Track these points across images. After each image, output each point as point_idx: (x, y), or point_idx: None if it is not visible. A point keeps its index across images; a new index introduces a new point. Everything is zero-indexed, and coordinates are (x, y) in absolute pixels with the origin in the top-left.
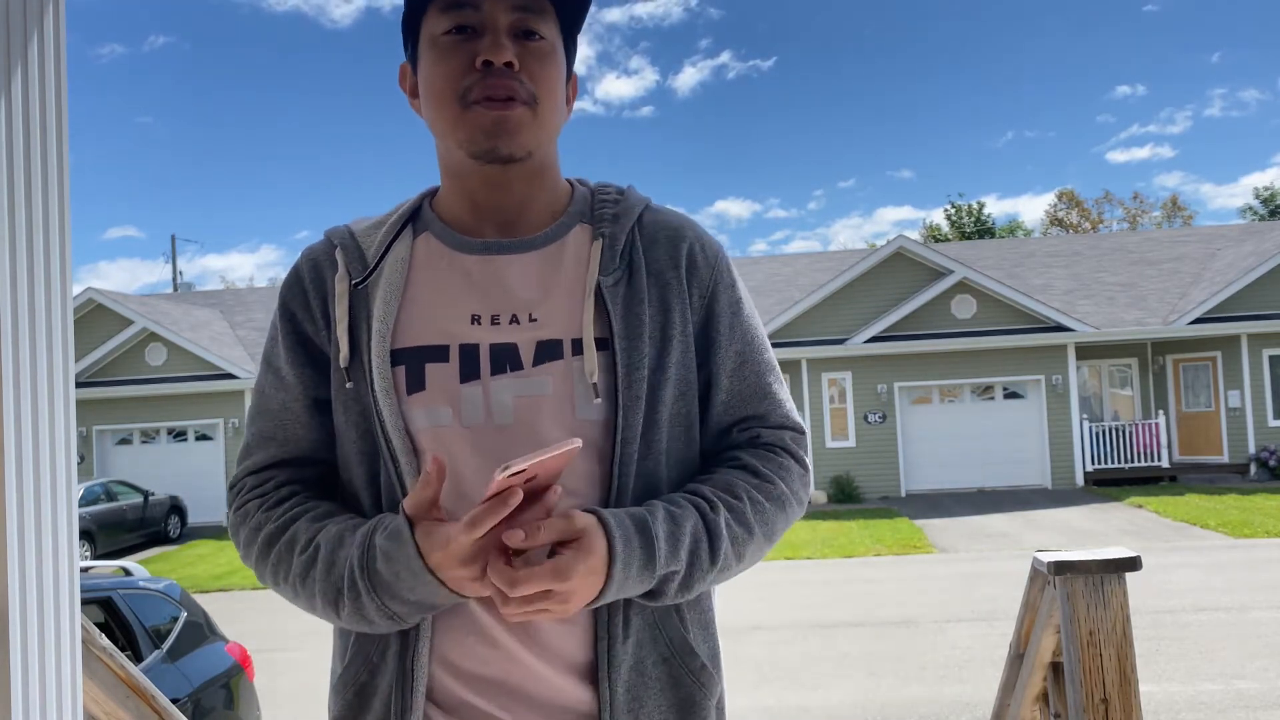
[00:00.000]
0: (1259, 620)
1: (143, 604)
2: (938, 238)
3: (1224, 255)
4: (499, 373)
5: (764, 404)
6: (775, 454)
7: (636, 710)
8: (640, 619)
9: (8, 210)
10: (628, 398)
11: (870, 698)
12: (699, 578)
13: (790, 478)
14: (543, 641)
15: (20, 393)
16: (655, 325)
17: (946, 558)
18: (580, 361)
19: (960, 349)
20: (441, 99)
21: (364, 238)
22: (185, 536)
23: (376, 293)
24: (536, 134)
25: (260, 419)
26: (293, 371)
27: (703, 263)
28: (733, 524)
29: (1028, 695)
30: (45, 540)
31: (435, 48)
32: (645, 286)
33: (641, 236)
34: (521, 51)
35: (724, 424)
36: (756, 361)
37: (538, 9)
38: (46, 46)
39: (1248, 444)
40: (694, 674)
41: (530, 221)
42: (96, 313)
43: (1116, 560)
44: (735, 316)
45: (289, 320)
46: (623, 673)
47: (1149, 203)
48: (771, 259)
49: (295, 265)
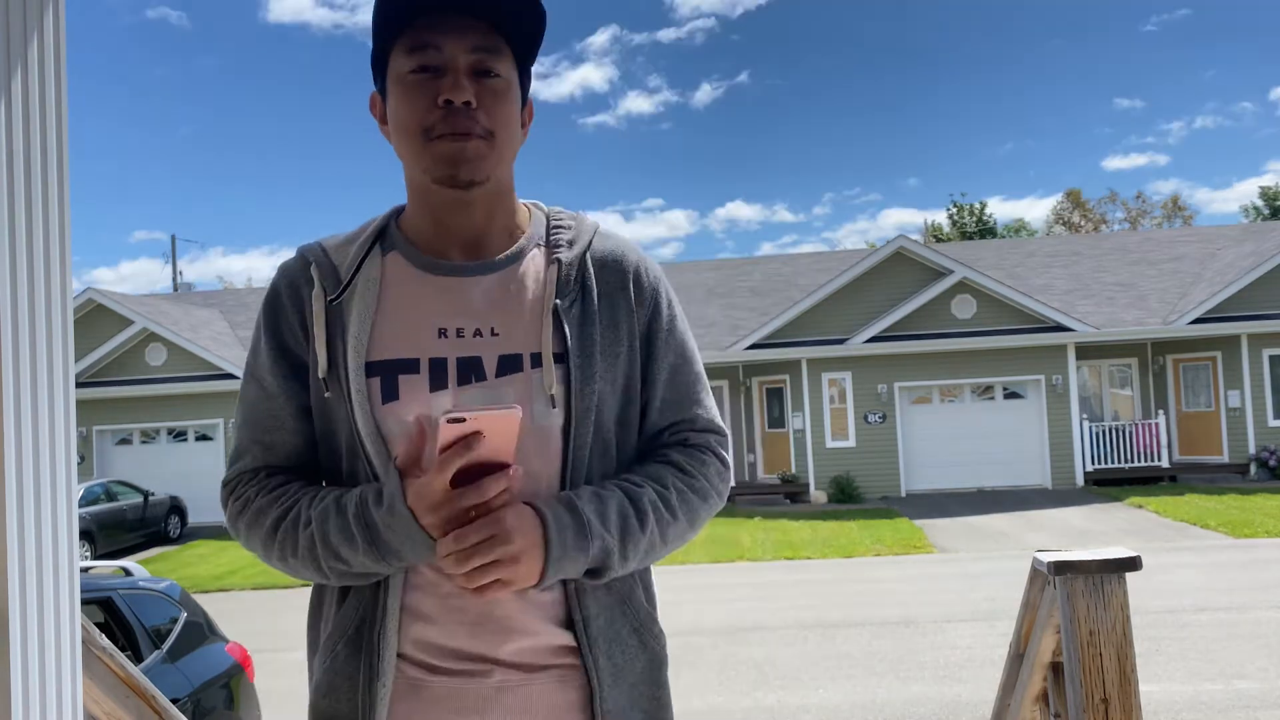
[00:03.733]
0: (1259, 620)
1: (143, 604)
2: (939, 237)
3: (1224, 255)
4: (465, 383)
5: (692, 410)
6: (700, 453)
7: (618, 676)
8: (610, 597)
9: (8, 210)
10: (580, 408)
11: (870, 698)
12: (633, 549)
13: (710, 473)
14: (519, 628)
15: (20, 393)
16: (606, 341)
17: (946, 558)
18: (539, 374)
19: (960, 349)
20: (407, 132)
21: (336, 254)
22: (185, 536)
23: (351, 308)
24: (493, 162)
25: (248, 427)
26: (276, 382)
27: (646, 284)
28: (659, 504)
29: (1028, 695)
30: (45, 540)
31: (401, 85)
32: (597, 308)
33: (593, 261)
34: (480, 90)
35: (658, 427)
36: (687, 373)
37: (494, 49)
38: (46, 46)
39: (1248, 444)
40: (655, 638)
41: (490, 242)
42: (96, 313)
43: (1116, 560)
44: (671, 332)
45: (272, 334)
46: (602, 646)
47: (1151, 203)
48: (771, 259)
49: (273, 282)
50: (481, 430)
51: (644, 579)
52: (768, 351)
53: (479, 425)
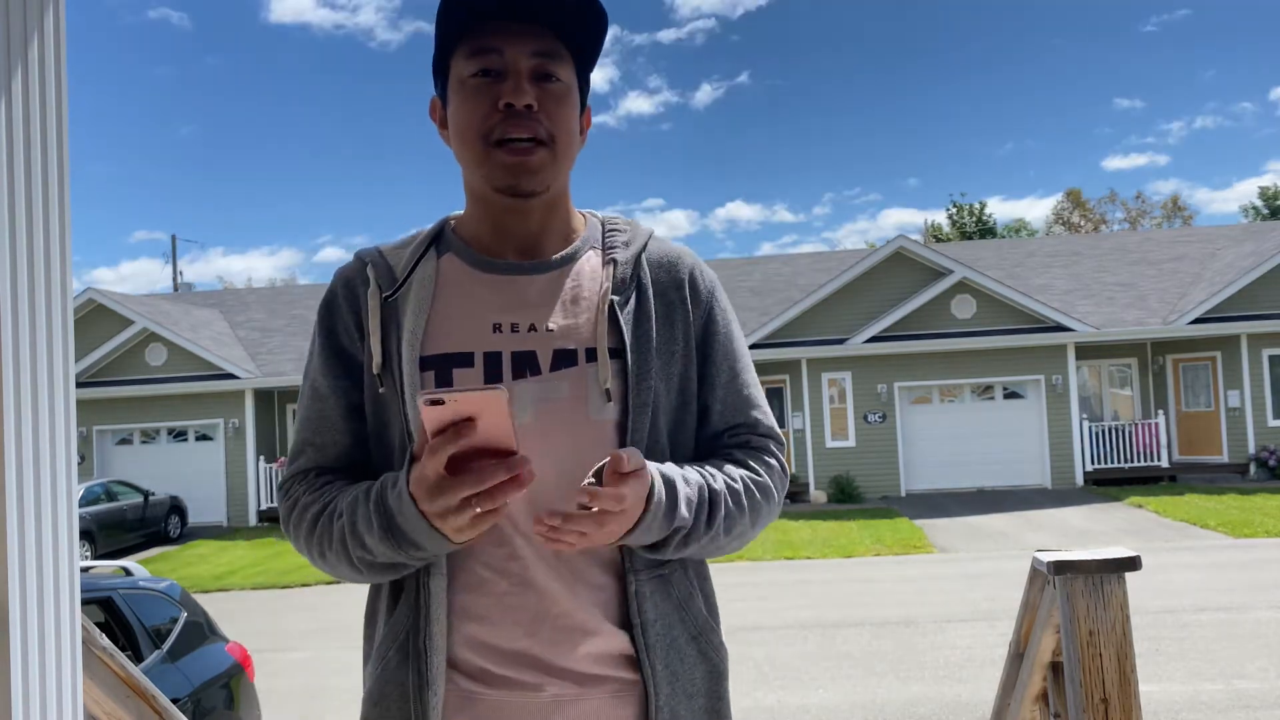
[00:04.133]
0: (1259, 620)
1: (143, 604)
2: (939, 237)
3: (1224, 255)
4: (520, 377)
5: (753, 414)
6: (763, 455)
7: (675, 685)
8: (667, 602)
9: (8, 210)
10: (637, 403)
11: (870, 698)
12: (695, 538)
13: (773, 476)
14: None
15: (20, 393)
16: (662, 340)
17: (946, 558)
18: (594, 368)
19: (960, 349)
20: (468, 137)
21: (392, 256)
22: (185, 536)
23: (406, 305)
24: (554, 171)
25: (302, 429)
26: (330, 383)
27: (702, 287)
28: (729, 498)
29: (1028, 695)
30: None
31: (463, 89)
32: (652, 306)
33: (649, 263)
34: (540, 94)
35: (717, 429)
36: (745, 377)
37: (556, 54)
38: (46, 46)
39: (1247, 444)
40: (715, 649)
41: (546, 245)
42: (96, 313)
43: (1116, 560)
44: (728, 337)
45: (326, 335)
46: (659, 652)
47: (1151, 203)
48: (771, 259)
49: (330, 286)
50: (471, 414)
51: (703, 587)
52: (767, 351)
53: (461, 408)
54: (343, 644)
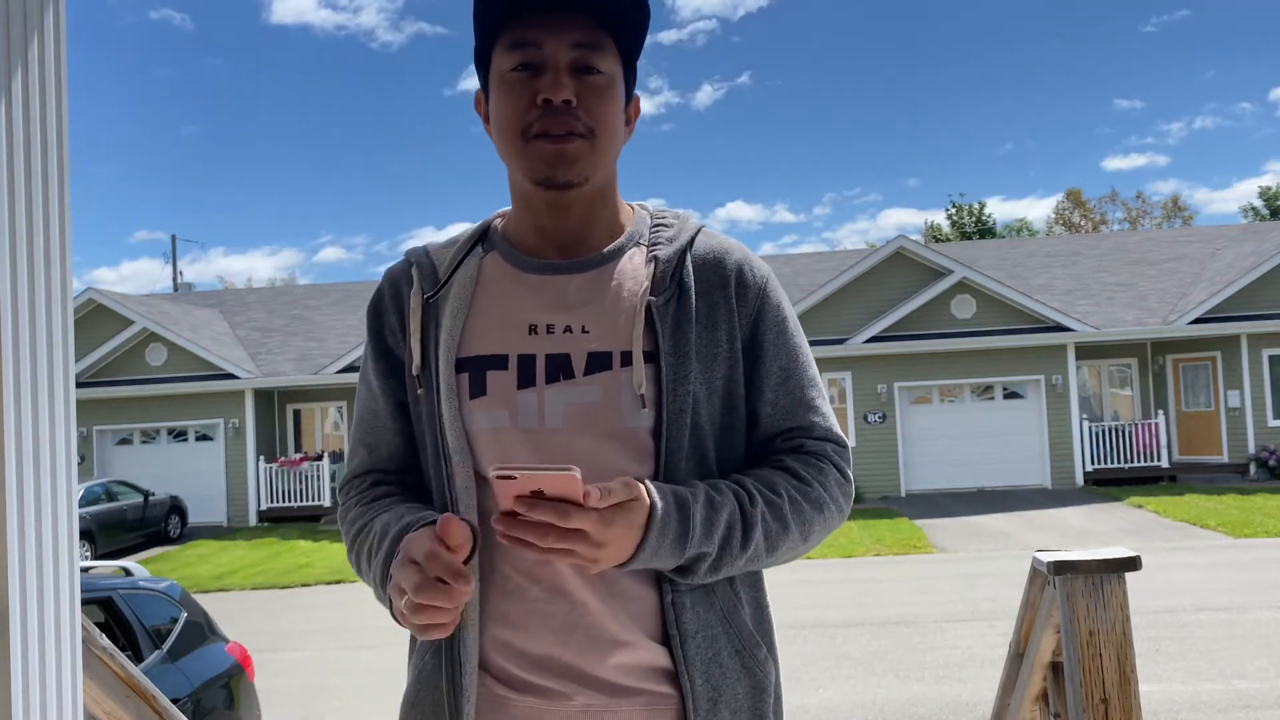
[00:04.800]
0: (1259, 620)
1: (143, 604)
2: (938, 238)
3: (1224, 255)
4: (553, 381)
5: (808, 416)
6: (818, 461)
7: (716, 701)
8: (710, 613)
9: (8, 210)
10: (672, 409)
11: (870, 698)
12: (728, 562)
13: (829, 483)
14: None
15: (20, 393)
16: (703, 342)
17: (946, 558)
18: (628, 373)
19: (960, 349)
20: (506, 132)
21: (438, 256)
22: (185, 536)
23: (446, 306)
24: (594, 162)
25: (356, 429)
26: (378, 382)
27: (751, 283)
28: (768, 517)
29: (1028, 695)
30: (45, 540)
31: (503, 83)
32: (694, 307)
33: (693, 259)
34: (580, 87)
35: (769, 434)
36: (800, 376)
37: (597, 45)
38: (46, 46)
39: (1247, 444)
40: (760, 664)
41: (590, 242)
42: (96, 313)
43: (1116, 560)
44: (780, 334)
45: (375, 335)
46: (699, 665)
47: (1151, 203)
48: (771, 259)
49: (379, 286)
50: (542, 489)
51: (756, 598)
52: None
53: (532, 484)
54: (343, 644)
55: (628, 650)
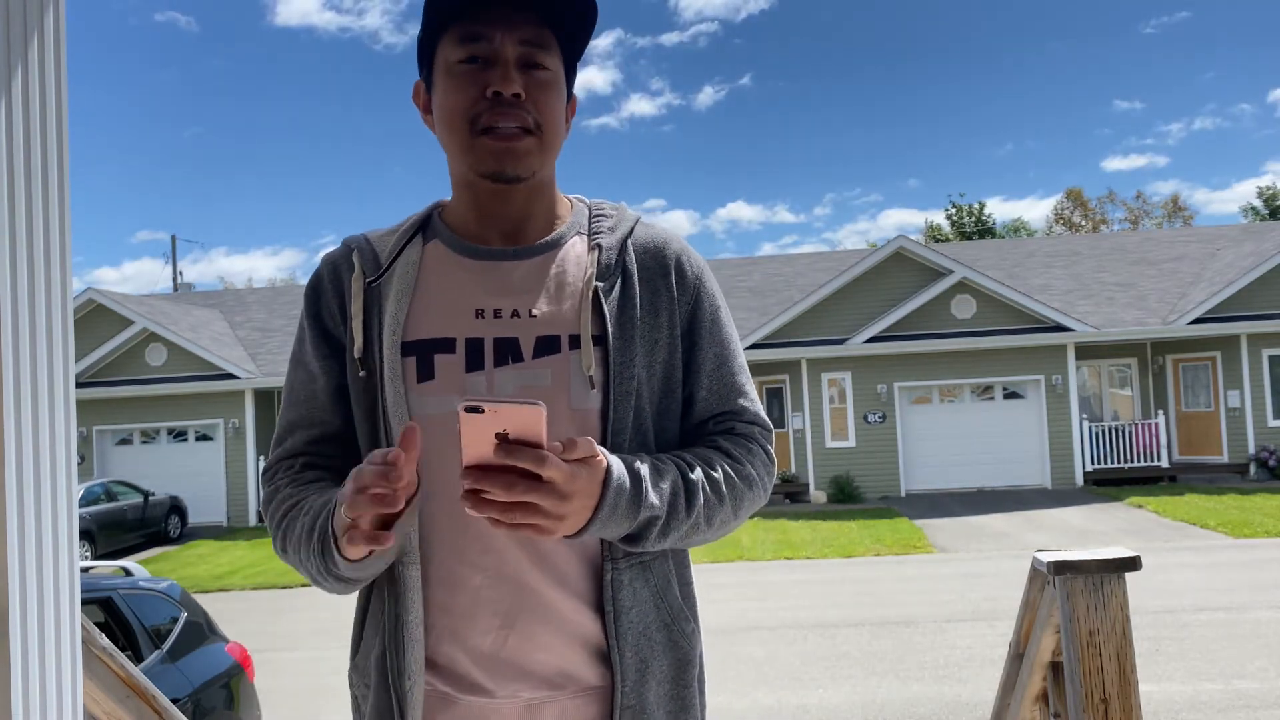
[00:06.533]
0: (1259, 620)
1: (143, 604)
2: (938, 238)
3: (1224, 255)
4: (501, 364)
5: (738, 401)
6: (747, 442)
7: (643, 672)
8: (645, 589)
9: (8, 210)
10: (619, 391)
11: (870, 698)
12: (675, 526)
13: (757, 464)
14: (552, 620)
15: (20, 393)
16: (646, 326)
17: (946, 558)
18: (576, 355)
19: (960, 349)
20: (454, 124)
21: (378, 243)
22: (185, 536)
23: (389, 291)
24: (540, 158)
25: (289, 410)
26: (318, 363)
27: (689, 273)
28: (706, 488)
29: (1028, 695)
30: (45, 540)
31: (450, 75)
32: (637, 292)
33: (635, 248)
34: (528, 82)
35: (703, 416)
36: (731, 364)
37: (543, 43)
38: (46, 46)
39: (1247, 444)
40: (687, 637)
41: (532, 231)
42: (96, 313)
43: (1116, 560)
44: (715, 323)
45: (313, 318)
46: (630, 640)
47: (1151, 203)
48: (771, 259)
49: (317, 269)
50: (506, 428)
51: (682, 574)
52: (767, 351)
53: (500, 418)
54: (342, 644)
55: (571, 628)
